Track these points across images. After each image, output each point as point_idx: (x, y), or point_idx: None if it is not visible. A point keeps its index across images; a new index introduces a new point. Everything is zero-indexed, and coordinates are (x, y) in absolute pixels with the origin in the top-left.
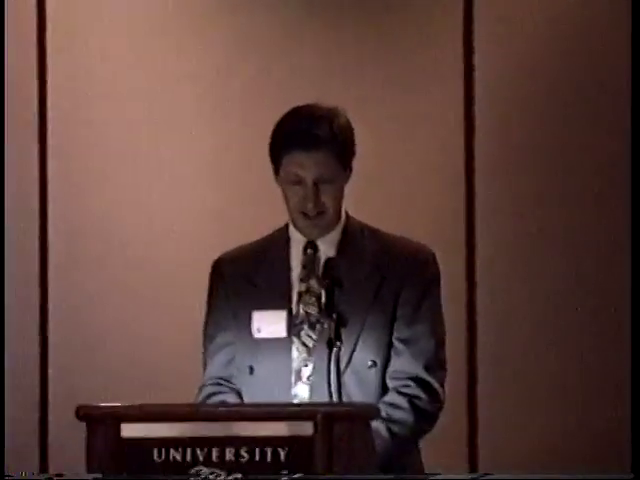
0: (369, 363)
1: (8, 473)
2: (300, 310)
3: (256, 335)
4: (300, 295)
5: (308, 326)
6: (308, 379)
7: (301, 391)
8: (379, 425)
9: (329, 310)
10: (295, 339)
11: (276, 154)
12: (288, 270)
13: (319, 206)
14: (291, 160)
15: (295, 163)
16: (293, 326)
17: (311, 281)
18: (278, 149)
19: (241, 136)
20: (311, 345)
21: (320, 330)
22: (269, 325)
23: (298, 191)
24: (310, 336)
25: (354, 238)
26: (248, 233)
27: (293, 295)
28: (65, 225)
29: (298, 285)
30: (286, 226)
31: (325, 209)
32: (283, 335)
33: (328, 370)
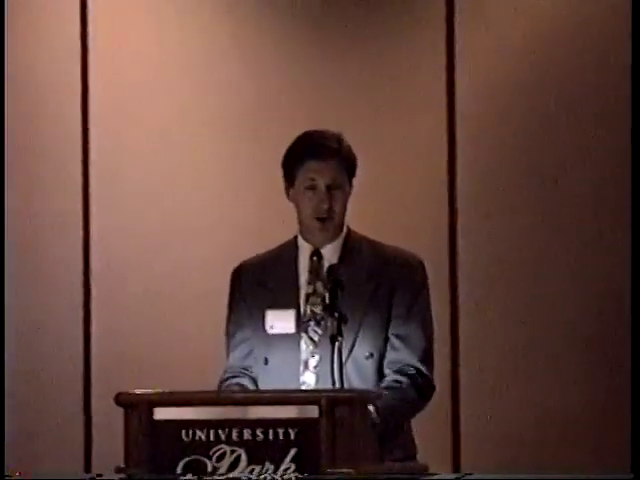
0: (367, 354)
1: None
2: (307, 309)
3: (269, 331)
4: (307, 296)
5: (314, 323)
6: (315, 368)
7: (309, 379)
8: (386, 395)
9: (332, 310)
10: (303, 334)
11: (292, 167)
12: (296, 275)
13: (330, 210)
14: (307, 169)
15: (311, 170)
16: (301, 323)
17: (317, 284)
18: (294, 162)
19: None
20: (317, 339)
21: (325, 326)
22: (281, 322)
23: (312, 197)
24: (316, 331)
25: (354, 248)
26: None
27: (301, 296)
28: (106, 233)
29: (305, 288)
30: (295, 238)
31: (334, 215)
32: (293, 331)
33: (332, 361)
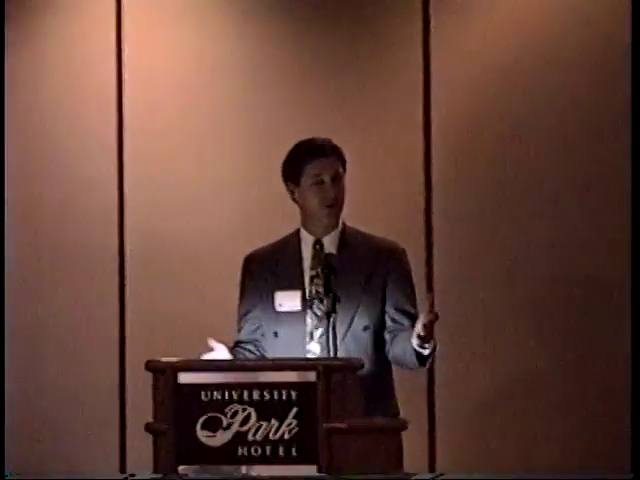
0: (362, 327)
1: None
2: (313, 289)
3: (278, 309)
4: (312, 278)
5: (318, 301)
6: (319, 339)
7: (314, 348)
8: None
9: (327, 291)
10: (309, 310)
11: (296, 169)
12: (300, 261)
13: (336, 198)
14: (313, 166)
15: (316, 167)
16: (307, 301)
17: (318, 269)
18: (298, 164)
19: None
20: (320, 314)
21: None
22: (288, 301)
23: (318, 191)
24: (320, 308)
25: (349, 239)
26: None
27: (305, 279)
28: (141, 229)
29: (309, 271)
30: (297, 230)
31: (339, 202)
32: (299, 309)
33: (333, 333)
